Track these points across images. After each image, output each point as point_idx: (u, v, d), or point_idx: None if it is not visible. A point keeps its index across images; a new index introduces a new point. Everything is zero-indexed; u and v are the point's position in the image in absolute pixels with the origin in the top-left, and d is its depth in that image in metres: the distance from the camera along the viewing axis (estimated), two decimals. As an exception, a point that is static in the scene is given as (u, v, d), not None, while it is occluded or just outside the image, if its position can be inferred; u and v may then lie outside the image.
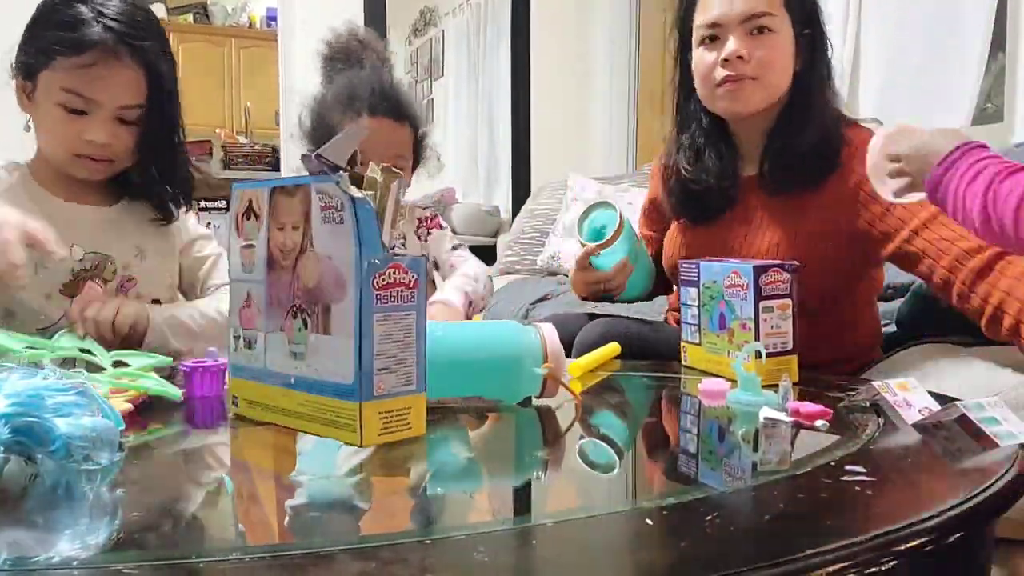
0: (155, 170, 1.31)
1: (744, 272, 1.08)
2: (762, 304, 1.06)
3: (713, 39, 1.28)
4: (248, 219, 0.87)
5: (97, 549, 0.56)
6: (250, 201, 0.87)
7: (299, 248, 0.80)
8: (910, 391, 0.89)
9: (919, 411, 0.86)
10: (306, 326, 0.79)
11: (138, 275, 1.32)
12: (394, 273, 0.75)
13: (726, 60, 1.26)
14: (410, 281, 0.76)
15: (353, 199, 0.75)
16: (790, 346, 1.08)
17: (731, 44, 1.25)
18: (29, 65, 1.22)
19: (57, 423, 0.68)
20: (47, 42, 1.19)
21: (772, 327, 1.07)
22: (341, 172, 0.77)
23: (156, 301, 1.33)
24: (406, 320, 0.76)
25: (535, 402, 0.96)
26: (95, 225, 1.30)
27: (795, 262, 1.11)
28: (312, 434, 0.79)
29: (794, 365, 1.08)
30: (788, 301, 1.08)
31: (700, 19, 1.30)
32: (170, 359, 1.04)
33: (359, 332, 0.74)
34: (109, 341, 1.15)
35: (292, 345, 0.81)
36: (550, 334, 0.95)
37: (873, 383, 0.92)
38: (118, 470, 0.71)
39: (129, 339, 1.20)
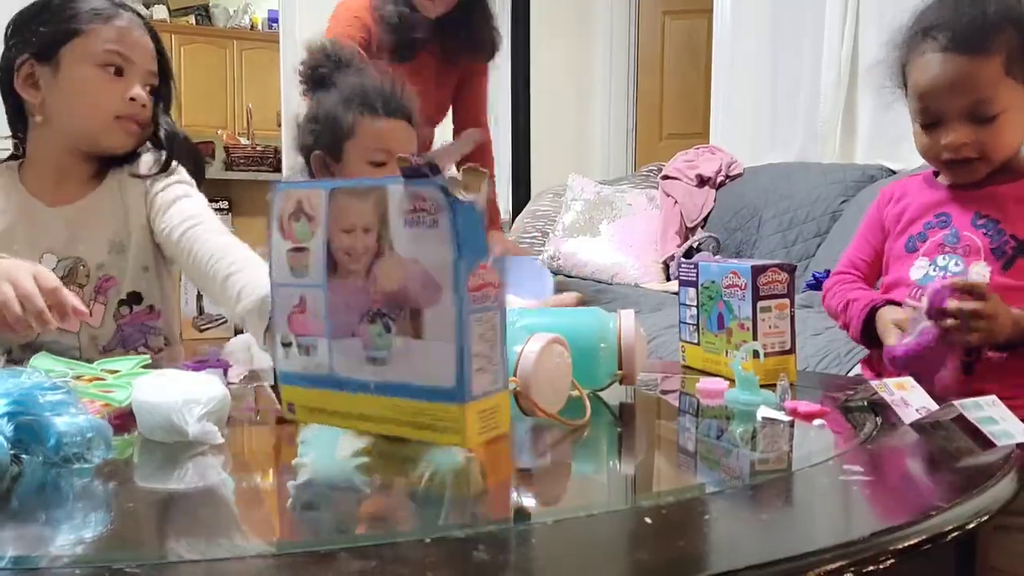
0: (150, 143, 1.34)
1: (742, 272, 1.08)
2: (760, 304, 1.07)
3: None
4: (297, 220, 0.84)
5: (96, 548, 0.56)
6: (299, 202, 0.84)
7: (375, 252, 0.79)
8: (908, 390, 0.89)
9: (917, 410, 0.86)
10: (388, 330, 0.78)
11: (116, 273, 1.29)
12: (484, 274, 0.75)
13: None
14: (496, 280, 0.76)
15: (457, 202, 0.73)
16: (788, 346, 1.08)
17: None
18: (49, 44, 1.24)
19: (56, 421, 0.68)
20: (73, 14, 1.24)
21: (770, 327, 1.07)
22: (444, 176, 0.75)
23: (138, 294, 1.30)
24: (494, 320, 0.76)
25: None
26: (62, 225, 1.28)
27: (793, 263, 1.10)
28: (401, 438, 0.78)
29: (792, 365, 1.08)
30: (786, 301, 1.08)
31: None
32: (147, 358, 1.00)
33: (461, 335, 0.73)
34: None
35: (370, 350, 0.79)
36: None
37: (871, 382, 0.93)
38: (115, 468, 0.72)
39: None
